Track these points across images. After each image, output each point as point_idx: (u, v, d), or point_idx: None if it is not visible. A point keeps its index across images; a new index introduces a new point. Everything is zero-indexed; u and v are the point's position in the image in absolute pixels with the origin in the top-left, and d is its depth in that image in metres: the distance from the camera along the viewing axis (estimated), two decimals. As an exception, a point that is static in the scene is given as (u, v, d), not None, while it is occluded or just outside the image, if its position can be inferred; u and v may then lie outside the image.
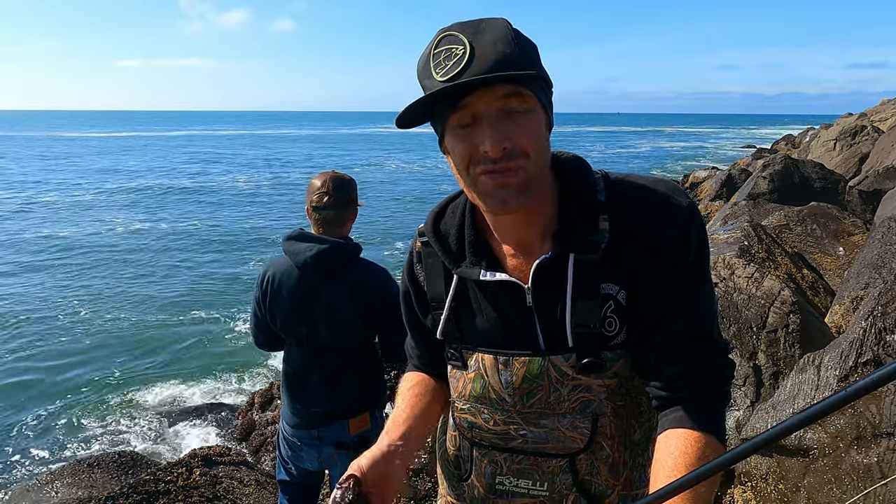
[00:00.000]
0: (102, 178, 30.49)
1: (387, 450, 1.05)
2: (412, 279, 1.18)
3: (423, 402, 1.18)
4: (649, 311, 0.98)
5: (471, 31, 0.89)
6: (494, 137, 0.89)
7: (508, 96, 0.89)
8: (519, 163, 0.91)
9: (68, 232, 16.80)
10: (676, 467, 0.90)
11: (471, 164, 0.93)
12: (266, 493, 3.75)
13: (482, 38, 0.88)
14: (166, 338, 9.13)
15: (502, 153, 0.90)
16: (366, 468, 1.01)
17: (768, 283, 3.40)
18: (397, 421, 1.13)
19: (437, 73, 0.89)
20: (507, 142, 0.89)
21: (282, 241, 2.27)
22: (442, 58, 0.89)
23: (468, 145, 0.92)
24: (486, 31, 0.89)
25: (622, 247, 0.97)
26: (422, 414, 1.16)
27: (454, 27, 0.91)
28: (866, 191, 8.10)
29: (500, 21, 0.91)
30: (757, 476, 2.53)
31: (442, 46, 0.90)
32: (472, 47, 0.87)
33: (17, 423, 6.66)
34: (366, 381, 2.34)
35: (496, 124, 0.90)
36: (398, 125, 0.94)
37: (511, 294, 1.02)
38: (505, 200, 0.93)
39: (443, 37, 0.91)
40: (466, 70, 0.87)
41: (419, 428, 1.14)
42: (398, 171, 35.71)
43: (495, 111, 0.90)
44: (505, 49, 0.87)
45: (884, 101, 24.67)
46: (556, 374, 1.01)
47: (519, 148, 0.90)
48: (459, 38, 0.89)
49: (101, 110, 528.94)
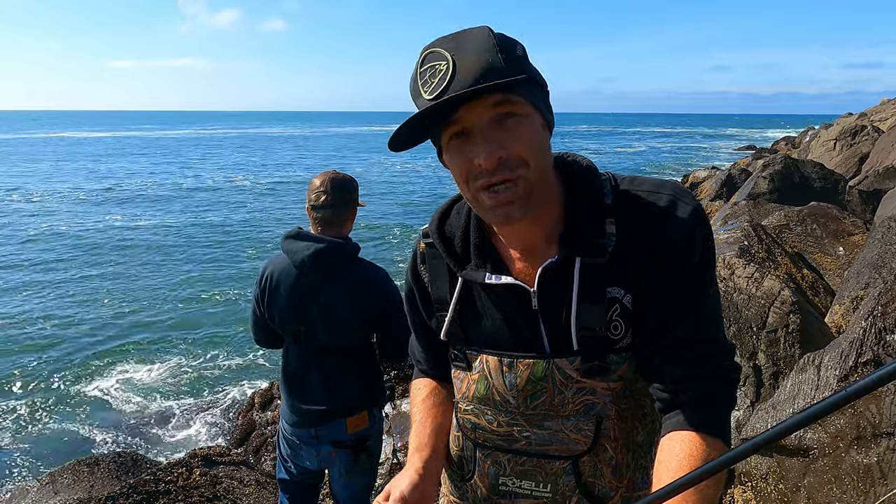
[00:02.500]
0: (102, 177, 30.50)
1: (423, 471, 1.09)
2: (416, 280, 1.18)
3: (440, 413, 1.20)
4: (654, 314, 0.97)
5: (452, 45, 0.88)
6: (487, 149, 0.88)
7: (497, 105, 0.88)
8: (518, 172, 0.90)
9: (45, 231, 16.80)
10: (681, 469, 0.89)
11: (469, 178, 0.92)
12: (266, 493, 3.75)
13: (463, 51, 0.87)
14: (166, 337, 9.13)
15: (497, 163, 0.88)
16: (407, 492, 1.05)
17: (768, 283, 3.40)
18: (423, 437, 1.16)
19: (424, 92, 0.89)
20: (502, 151, 0.88)
21: (281, 239, 2.27)
22: (427, 76, 0.88)
23: (464, 160, 0.91)
24: (467, 43, 0.88)
25: (629, 250, 0.97)
26: (441, 427, 1.18)
27: (436, 43, 0.90)
28: (866, 191, 8.10)
29: (481, 30, 0.90)
30: (757, 476, 2.53)
31: (427, 64, 0.89)
32: (454, 62, 0.86)
33: (17, 423, 6.66)
34: (364, 380, 2.34)
35: (488, 135, 0.88)
36: (391, 148, 0.93)
37: (517, 297, 1.02)
38: (508, 214, 0.92)
39: (427, 54, 0.90)
40: (450, 85, 0.86)
41: (442, 441, 1.17)
42: (399, 171, 35.71)
43: (486, 122, 0.89)
44: (487, 58, 0.86)
45: (884, 101, 24.67)
46: (561, 376, 1.00)
47: (515, 156, 0.89)
48: (441, 54, 0.88)
49: (98, 110, 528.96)
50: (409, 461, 1.12)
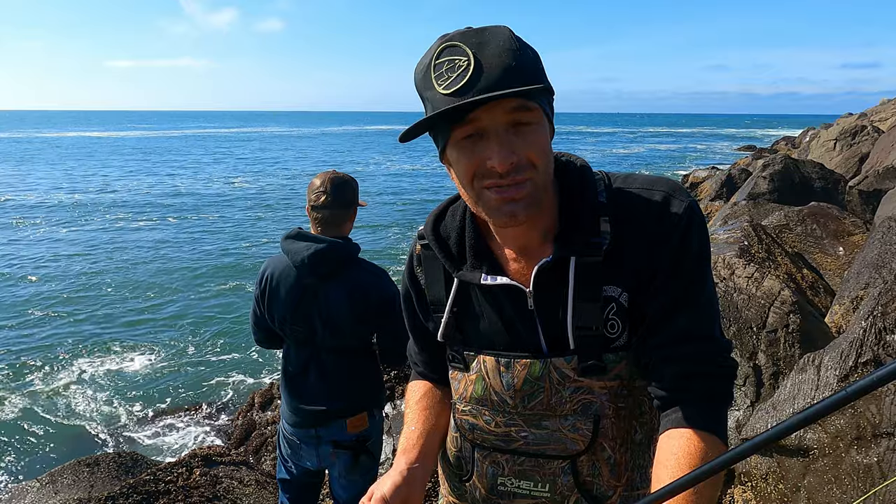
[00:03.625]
0: (100, 175, 30.51)
1: (407, 473, 1.07)
2: (413, 282, 1.18)
3: (433, 415, 1.19)
4: (651, 311, 0.98)
5: (474, 42, 0.86)
6: (502, 153, 0.88)
7: (515, 110, 0.88)
8: (526, 175, 0.90)
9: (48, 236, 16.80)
10: (679, 467, 0.89)
11: (475, 177, 0.92)
12: (266, 493, 3.75)
13: (487, 50, 0.86)
14: (166, 337, 9.13)
15: (510, 168, 0.89)
16: (389, 494, 1.03)
17: (768, 283, 3.40)
18: (411, 439, 1.15)
19: (439, 86, 0.87)
20: (514, 156, 0.88)
21: (281, 240, 2.27)
22: (444, 69, 0.87)
23: (474, 159, 0.90)
24: (490, 42, 0.86)
25: (624, 248, 0.97)
26: (433, 429, 1.17)
27: (455, 36, 0.88)
28: (866, 191, 8.10)
29: (503, 30, 0.89)
30: (757, 476, 2.53)
31: (444, 57, 0.87)
32: (476, 59, 0.85)
33: (17, 422, 6.66)
34: (364, 380, 2.34)
35: (504, 139, 0.88)
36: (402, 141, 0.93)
37: (513, 297, 1.02)
38: (513, 213, 0.92)
39: (444, 47, 0.88)
40: (473, 84, 0.84)
41: (432, 444, 1.16)
42: (399, 171, 35.72)
43: (503, 126, 0.88)
44: (511, 61, 0.85)
45: (884, 101, 24.69)
46: (558, 376, 1.00)
47: (526, 161, 0.90)
48: (462, 49, 0.86)
49: (94, 110, 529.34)
50: (395, 463, 1.11)
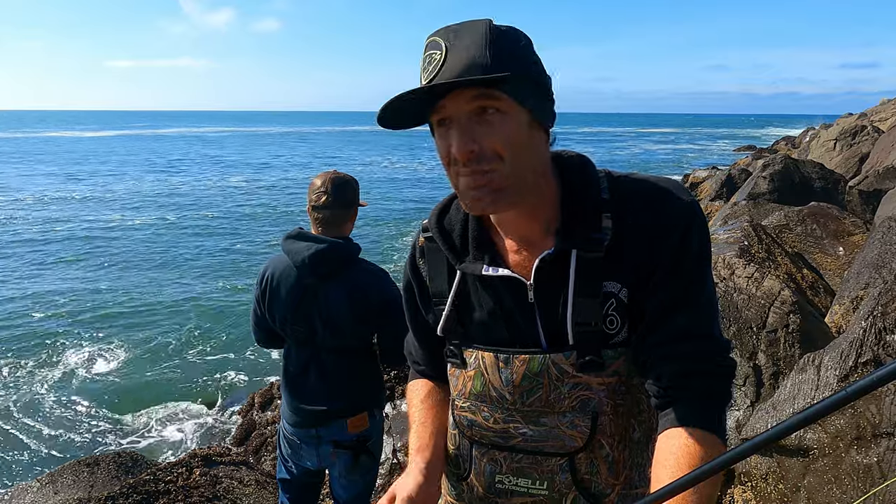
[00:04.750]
0: (98, 176, 30.52)
1: (427, 472, 1.10)
2: (415, 274, 1.18)
3: (440, 413, 1.21)
4: (650, 309, 0.98)
5: (451, 36, 0.91)
6: (461, 141, 0.91)
7: (477, 98, 0.90)
8: (492, 165, 0.91)
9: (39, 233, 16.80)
10: (679, 467, 0.89)
11: (450, 164, 0.95)
12: (266, 493, 3.75)
13: (458, 43, 0.89)
14: (166, 337, 9.13)
15: (469, 156, 0.91)
16: (415, 493, 1.06)
17: (768, 283, 3.40)
18: (424, 438, 1.17)
19: (422, 77, 0.92)
20: (475, 145, 0.90)
21: (281, 240, 2.27)
22: (425, 63, 0.92)
23: (444, 146, 0.94)
24: (463, 36, 0.90)
25: (624, 244, 0.97)
26: (442, 427, 1.19)
27: (439, 32, 0.92)
28: (866, 191, 8.10)
29: (481, 23, 0.91)
30: (757, 476, 2.53)
31: (428, 51, 0.92)
32: (446, 53, 0.89)
33: (17, 422, 6.66)
34: (364, 380, 2.34)
35: (465, 127, 0.91)
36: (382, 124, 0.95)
37: (513, 290, 1.03)
38: (477, 199, 0.94)
39: (429, 42, 0.93)
40: (438, 75, 0.89)
41: (443, 442, 1.18)
42: (399, 171, 35.72)
43: (465, 114, 0.91)
44: (475, 53, 0.88)
45: (884, 101, 24.69)
46: (557, 371, 1.01)
47: (489, 150, 0.91)
48: (439, 44, 0.91)
49: (93, 110, 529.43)
50: (412, 462, 1.12)
